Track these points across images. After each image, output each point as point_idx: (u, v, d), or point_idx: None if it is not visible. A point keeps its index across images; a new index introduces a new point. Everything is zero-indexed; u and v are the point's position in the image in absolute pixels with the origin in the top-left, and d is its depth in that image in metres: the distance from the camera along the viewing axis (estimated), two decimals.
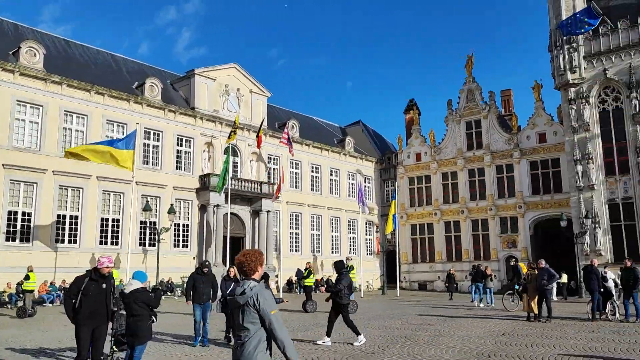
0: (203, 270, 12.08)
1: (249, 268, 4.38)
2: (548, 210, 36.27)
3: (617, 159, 32.47)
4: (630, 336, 12.90)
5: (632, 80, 31.88)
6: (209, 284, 11.93)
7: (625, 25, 32.64)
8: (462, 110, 40.90)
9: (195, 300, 11.72)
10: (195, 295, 11.72)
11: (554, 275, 16.43)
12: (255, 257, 4.44)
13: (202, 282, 11.80)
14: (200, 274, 12.01)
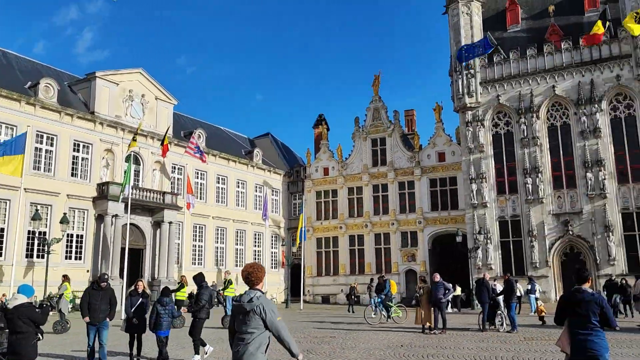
0: (100, 284, 10.67)
1: (255, 278, 5.06)
2: (445, 225, 38.14)
3: (507, 179, 34.91)
4: (514, 345, 13.75)
5: (521, 106, 34.54)
6: (107, 300, 10.60)
7: (516, 56, 35.38)
8: (369, 128, 42.16)
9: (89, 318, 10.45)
10: (90, 313, 10.41)
11: (449, 289, 17.21)
12: (260, 269, 5.13)
13: (98, 298, 10.47)
14: (97, 288, 10.64)
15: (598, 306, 5.98)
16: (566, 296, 6.37)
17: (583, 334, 5.92)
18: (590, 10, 35.48)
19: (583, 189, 32.35)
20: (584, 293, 6.09)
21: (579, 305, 6.03)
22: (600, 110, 32.58)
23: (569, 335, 6.09)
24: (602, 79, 32.90)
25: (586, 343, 5.87)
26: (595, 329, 5.95)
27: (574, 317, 6.07)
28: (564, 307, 6.29)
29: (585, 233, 31.98)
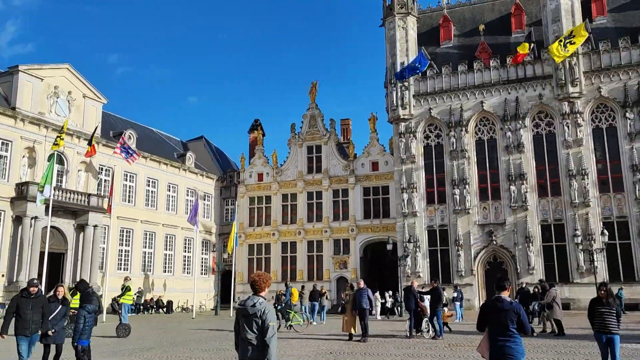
0: (30, 291, 9.56)
1: (259, 286, 5.68)
2: (377, 233, 38.79)
3: (437, 190, 36.02)
4: (439, 350, 14.11)
5: (452, 120, 35.79)
6: (39, 310, 9.50)
7: (447, 71, 36.67)
8: (305, 135, 42.30)
9: (19, 331, 9.34)
10: (20, 324, 9.32)
11: (371, 299, 17.35)
12: (266, 278, 5.78)
13: (29, 307, 9.37)
14: (27, 296, 9.51)
15: (515, 314, 6.31)
16: (486, 304, 6.68)
17: (501, 340, 6.23)
18: (517, 32, 37.39)
19: (507, 201, 33.89)
20: (503, 302, 6.40)
21: (498, 313, 6.33)
22: (524, 126, 34.29)
23: (489, 342, 6.38)
24: (526, 97, 34.68)
25: (504, 349, 6.19)
26: (513, 335, 6.27)
27: (494, 324, 6.37)
28: (484, 314, 6.57)
29: (507, 243, 33.47)
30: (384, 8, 39.26)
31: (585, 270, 31.00)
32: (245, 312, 5.53)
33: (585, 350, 13.48)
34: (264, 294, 5.67)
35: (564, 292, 31.13)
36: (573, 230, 31.92)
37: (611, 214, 32.06)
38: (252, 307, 5.50)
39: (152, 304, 36.10)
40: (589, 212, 32.08)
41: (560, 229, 32.88)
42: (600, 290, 9.55)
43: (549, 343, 15.53)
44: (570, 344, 15.37)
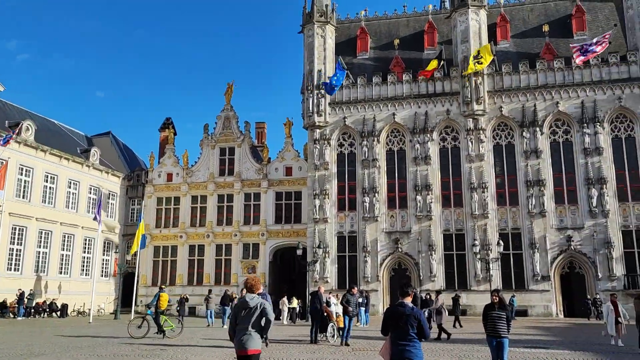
0: None
1: (254, 286, 7.16)
2: (288, 238, 38.79)
3: (348, 197, 36.70)
4: (343, 355, 14.29)
5: (365, 130, 36.67)
6: None
7: (363, 82, 37.58)
8: (218, 136, 41.54)
9: None
10: None
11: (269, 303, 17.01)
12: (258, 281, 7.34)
13: None
14: None
15: (416, 320, 6.59)
16: (389, 310, 6.92)
17: (402, 344, 6.49)
18: (429, 49, 39.08)
19: (413, 210, 35.18)
20: (405, 307, 6.67)
21: (400, 318, 6.59)
22: (431, 139, 35.83)
23: (390, 345, 6.60)
24: (435, 111, 36.28)
25: (404, 353, 6.46)
26: (413, 340, 6.55)
27: (395, 329, 6.61)
28: (387, 319, 6.81)
29: (412, 251, 34.72)
30: (303, 15, 39.59)
31: (482, 278, 32.82)
32: (246, 306, 6.97)
33: (479, 354, 14.21)
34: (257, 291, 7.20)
35: (462, 299, 32.79)
36: (472, 240, 33.73)
37: (506, 226, 34.23)
38: (252, 301, 6.99)
39: (45, 308, 33.72)
40: (487, 223, 34.04)
41: (460, 239, 34.62)
42: (493, 296, 10.11)
43: (445, 347, 16.22)
44: (465, 347, 16.15)
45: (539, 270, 32.64)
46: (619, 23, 36.73)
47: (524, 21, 39.29)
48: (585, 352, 15.08)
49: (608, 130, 33.88)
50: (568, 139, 34.55)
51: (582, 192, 33.35)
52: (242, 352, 6.88)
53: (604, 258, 32.09)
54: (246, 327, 6.88)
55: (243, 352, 6.87)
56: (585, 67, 34.50)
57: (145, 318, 19.41)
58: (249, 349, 6.85)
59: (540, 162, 34.05)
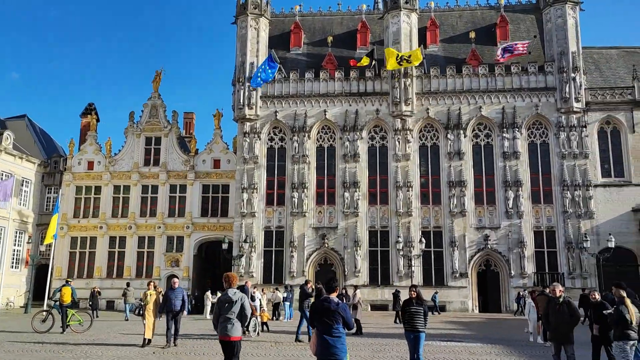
0: None
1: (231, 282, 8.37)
2: (214, 232, 38.13)
3: (277, 192, 36.59)
4: (266, 350, 14.24)
5: (296, 125, 36.66)
6: None
7: (295, 77, 37.54)
8: (144, 125, 40.11)
9: None
10: None
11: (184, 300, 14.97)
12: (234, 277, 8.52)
13: None
14: None
15: (340, 315, 6.78)
16: (316, 304, 7.10)
17: (327, 338, 6.67)
18: (361, 48, 39.59)
19: (340, 206, 35.59)
20: (331, 302, 6.86)
21: (326, 313, 6.77)
22: (361, 138, 36.38)
23: (317, 340, 6.76)
24: (365, 110, 36.86)
25: (329, 348, 6.63)
26: (338, 334, 6.73)
27: (321, 323, 6.78)
28: (314, 313, 7.00)
29: (338, 246, 35.15)
30: (237, 6, 38.99)
31: (404, 274, 33.74)
32: (229, 299, 8.16)
33: (398, 347, 14.60)
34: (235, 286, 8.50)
35: (384, 294, 33.65)
36: (396, 237, 34.59)
37: (429, 224, 35.37)
38: (234, 295, 8.21)
39: None
40: (410, 221, 35.04)
41: (385, 236, 35.43)
42: (411, 292, 10.40)
43: (366, 341, 16.54)
44: (385, 341, 16.55)
45: (458, 268, 34.01)
46: (538, 35, 38.83)
47: (453, 27, 40.70)
48: (496, 345, 15.88)
49: (525, 136, 35.78)
50: (489, 142, 36.17)
51: (499, 193, 35.04)
52: (225, 338, 8.12)
53: (517, 256, 33.90)
54: (229, 317, 8.09)
55: (226, 338, 8.12)
56: (506, 75, 36.25)
57: (50, 312, 18.47)
58: (232, 335, 8.08)
59: (463, 164, 35.43)
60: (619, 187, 34.78)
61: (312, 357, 7.21)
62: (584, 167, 34.54)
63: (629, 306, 9.49)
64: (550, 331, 11.08)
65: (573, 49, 35.89)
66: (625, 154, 35.31)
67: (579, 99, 35.25)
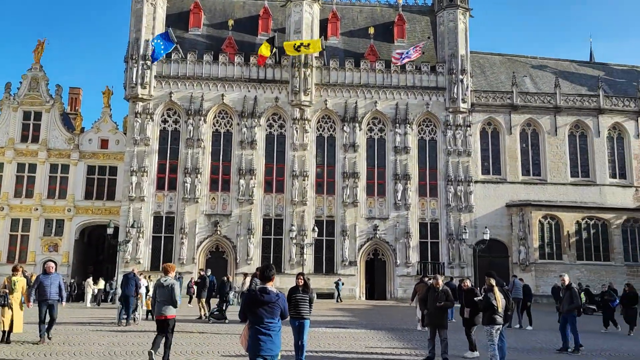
0: None
1: (169, 271, 10.11)
2: (99, 216, 36.04)
3: (169, 176, 35.31)
4: (149, 337, 13.70)
5: (191, 108, 35.51)
6: None
7: (193, 58, 36.34)
8: (22, 98, 36.78)
9: None
10: None
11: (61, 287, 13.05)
12: (172, 266, 10.32)
13: None
14: None
15: (279, 306, 6.19)
16: (252, 295, 6.29)
17: (263, 332, 6.05)
18: (263, 34, 39.14)
19: (235, 193, 35.14)
20: (270, 294, 6.17)
21: (263, 305, 6.10)
22: (259, 125, 36.08)
23: (250, 333, 6.13)
24: (264, 97, 36.58)
25: (265, 343, 6.04)
26: (275, 328, 6.13)
27: (257, 316, 6.10)
28: (249, 304, 6.25)
29: (231, 234, 34.71)
30: None
31: (296, 262, 34.08)
32: (162, 285, 9.85)
33: (284, 334, 14.66)
34: (172, 275, 10.13)
35: (276, 282, 33.70)
36: (290, 226, 34.84)
37: (322, 214, 36.01)
38: (167, 281, 9.85)
39: None
40: (305, 210, 35.44)
41: (279, 224, 35.55)
42: (298, 279, 10.50)
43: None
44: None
45: (348, 256, 35.00)
46: (432, 36, 40.76)
47: (353, 21, 41.52)
48: (379, 331, 16.54)
49: (416, 132, 37.49)
50: (382, 136, 37.47)
51: (390, 186, 36.47)
52: (161, 317, 9.85)
53: (403, 246, 35.56)
54: (164, 300, 9.79)
55: (162, 317, 9.84)
56: (401, 72, 37.68)
57: None
58: (167, 314, 9.79)
59: (357, 156, 36.39)
60: (496, 184, 37.63)
61: None
62: (466, 164, 36.91)
63: (496, 293, 10.30)
64: (426, 317, 11.74)
65: (462, 53, 38.12)
66: (503, 153, 38.25)
67: (465, 100, 37.55)
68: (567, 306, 13.04)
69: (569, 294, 13.12)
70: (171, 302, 9.73)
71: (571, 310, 12.96)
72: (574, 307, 12.92)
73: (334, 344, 13.44)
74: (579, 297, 12.92)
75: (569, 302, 12.99)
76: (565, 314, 13.17)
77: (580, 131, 39.55)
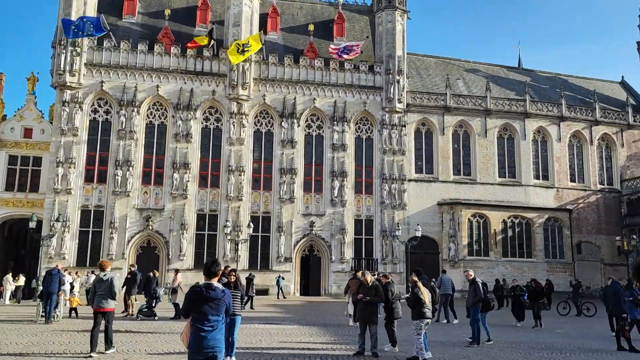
0: None
1: (105, 266, 11.11)
2: (20, 209, 34.06)
3: (98, 168, 33.92)
4: (70, 337, 13.12)
5: (124, 98, 34.27)
6: None
7: (127, 47, 35.04)
8: None
9: None
10: None
11: None
12: (108, 262, 11.61)
13: None
14: None
15: (225, 303, 5.97)
16: (196, 291, 6.00)
17: (206, 330, 5.82)
18: (201, 26, 38.33)
19: (168, 187, 34.22)
20: (216, 290, 5.94)
21: (208, 302, 5.87)
22: (194, 118, 35.30)
23: (192, 330, 5.89)
24: (200, 90, 35.82)
25: (209, 341, 5.80)
26: (219, 325, 5.92)
27: (200, 313, 5.89)
28: (193, 301, 5.98)
29: (163, 229, 33.79)
30: None
31: (230, 258, 33.55)
32: (101, 280, 10.75)
33: None
34: (108, 270, 10.99)
35: None
36: (225, 221, 34.34)
37: (258, 209, 35.75)
38: (104, 276, 10.71)
39: None
40: (240, 205, 35.05)
41: (214, 219, 34.97)
42: (230, 275, 10.35)
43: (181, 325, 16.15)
44: None
45: (283, 252, 34.94)
46: (371, 36, 41.32)
47: (293, 17, 41.42)
48: (311, 327, 16.61)
49: (353, 130, 37.91)
50: (320, 133, 37.63)
51: (327, 183, 36.69)
52: (100, 309, 10.66)
53: (338, 243, 35.91)
54: (102, 293, 10.68)
55: (101, 309, 10.65)
56: (340, 70, 37.99)
57: None
58: (105, 307, 10.62)
59: (295, 152, 36.38)
60: (428, 183, 38.72)
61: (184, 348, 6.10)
62: (401, 162, 37.72)
63: (422, 288, 10.57)
64: (357, 312, 11.88)
65: (399, 53, 38.89)
66: (436, 153, 39.40)
67: (401, 100, 38.34)
68: (471, 300, 13.42)
69: (472, 288, 13.45)
70: (110, 295, 10.64)
71: (475, 304, 13.33)
72: (477, 301, 13.27)
73: (265, 340, 13.37)
74: (482, 291, 13.27)
75: (473, 296, 13.37)
76: (470, 308, 13.56)
77: (508, 134, 41.35)
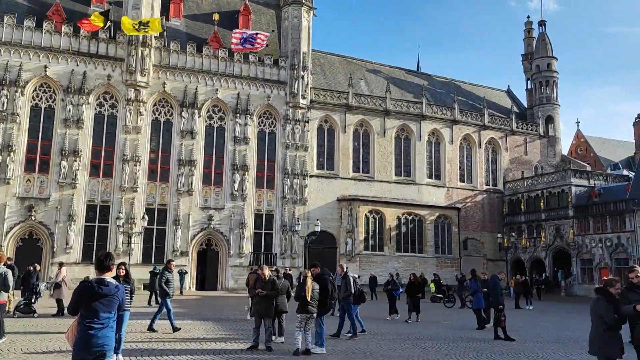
0: None
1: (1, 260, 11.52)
2: None
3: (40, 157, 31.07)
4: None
5: (6, 78, 31.46)
6: None
7: (11, 22, 32.23)
8: None
9: None
10: None
11: None
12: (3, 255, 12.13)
13: None
14: None
15: (118, 299, 5.55)
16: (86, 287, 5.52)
17: (96, 327, 5.37)
18: (96, 5, 36.08)
19: (55, 176, 31.99)
20: (109, 286, 5.49)
21: (100, 298, 5.43)
22: (87, 103, 33.24)
23: (79, 328, 5.36)
24: (95, 73, 33.78)
25: (97, 338, 5.34)
26: (110, 322, 5.50)
27: (90, 310, 5.43)
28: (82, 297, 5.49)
29: (48, 220, 31.53)
30: None
31: (122, 251, 32.04)
32: None
33: None
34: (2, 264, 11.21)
35: None
36: (117, 213, 32.72)
37: (154, 201, 34.44)
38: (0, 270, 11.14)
39: None
40: (135, 197, 33.54)
41: (105, 210, 33.20)
42: (119, 269, 9.85)
43: (66, 322, 15.16)
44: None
45: (179, 246, 33.96)
46: (276, 30, 41.22)
47: (198, 5, 40.28)
48: (206, 322, 16.27)
49: (256, 123, 37.64)
50: (222, 125, 36.96)
51: (227, 176, 36.14)
52: None
53: (237, 237, 35.52)
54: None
55: None
56: (244, 62, 37.53)
57: None
58: None
59: (195, 144, 35.45)
60: (329, 179, 39.42)
61: None
62: (303, 158, 38.06)
63: (308, 284, 10.71)
64: (253, 306, 11.80)
65: (304, 50, 39.15)
66: (337, 150, 40.19)
67: (305, 96, 38.67)
68: (342, 294, 13.73)
69: (344, 283, 13.73)
70: (4, 287, 10.77)
71: (346, 298, 13.65)
72: (347, 295, 13.58)
73: (156, 336, 12.89)
74: (352, 286, 13.52)
75: (344, 291, 13.67)
76: (342, 302, 13.79)
77: (405, 134, 43.13)
